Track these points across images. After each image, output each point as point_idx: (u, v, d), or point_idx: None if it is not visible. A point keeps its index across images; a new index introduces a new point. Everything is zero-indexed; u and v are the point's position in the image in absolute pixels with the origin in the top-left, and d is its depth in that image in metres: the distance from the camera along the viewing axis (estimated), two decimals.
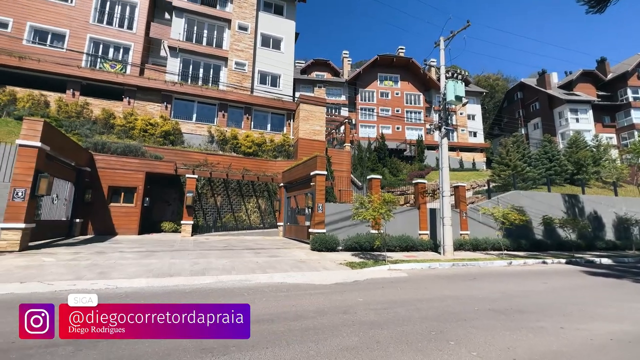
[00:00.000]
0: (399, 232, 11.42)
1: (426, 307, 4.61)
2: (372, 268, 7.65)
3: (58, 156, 9.69)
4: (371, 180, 12.34)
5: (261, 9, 22.27)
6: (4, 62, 14.94)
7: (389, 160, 27.35)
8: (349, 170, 18.83)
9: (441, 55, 11.77)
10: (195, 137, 17.18)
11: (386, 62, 37.90)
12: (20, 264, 6.22)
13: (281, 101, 19.49)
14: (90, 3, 18.39)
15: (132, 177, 13.03)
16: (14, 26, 16.73)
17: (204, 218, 14.42)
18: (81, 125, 14.57)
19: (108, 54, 18.76)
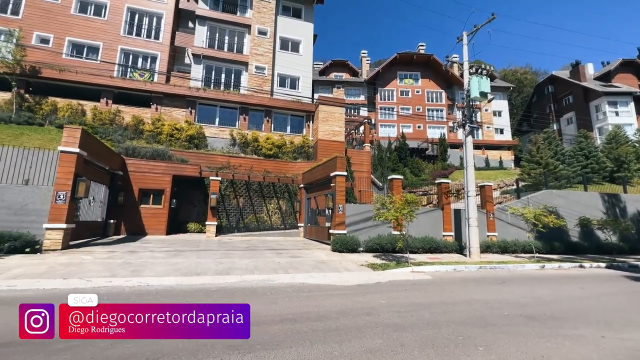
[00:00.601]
0: (422, 234, 11.14)
1: (452, 310, 4.47)
2: (395, 270, 7.52)
3: (94, 161, 10.35)
4: (392, 180, 12.15)
5: (280, 13, 22.62)
6: (47, 75, 16.20)
7: (410, 160, 26.77)
8: (369, 170, 18.64)
9: (464, 51, 11.38)
10: (218, 140, 17.72)
11: (406, 60, 37.19)
12: (62, 262, 6.70)
13: (300, 103, 19.67)
14: (121, 16, 19.53)
15: (160, 179, 13.66)
16: (55, 41, 18.10)
17: (227, 219, 14.82)
18: (114, 131, 15.48)
19: (137, 63, 19.82)
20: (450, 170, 26.45)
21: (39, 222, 8.18)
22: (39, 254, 7.50)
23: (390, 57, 37.24)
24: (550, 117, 39.19)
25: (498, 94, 38.16)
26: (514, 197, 16.01)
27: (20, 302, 4.09)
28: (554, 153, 22.70)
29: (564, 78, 38.27)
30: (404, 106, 36.89)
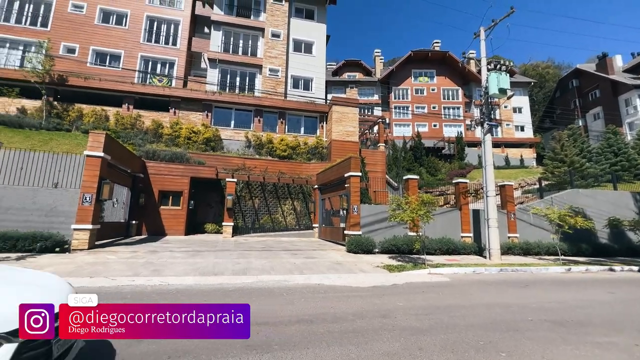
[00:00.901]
0: (439, 235, 10.91)
1: (472, 314, 4.35)
2: (411, 272, 7.40)
3: (117, 164, 10.79)
4: (407, 180, 11.97)
5: (292, 15, 22.79)
6: (73, 83, 17.04)
7: (426, 160, 26.26)
8: (384, 170, 18.44)
9: (482, 46, 11.07)
10: (234, 142, 18.05)
11: (420, 58, 36.56)
12: (89, 261, 7.02)
13: (314, 104, 19.74)
14: (140, 24, 20.27)
15: (179, 181, 14.05)
16: (80, 51, 19.02)
17: (243, 220, 15.06)
18: (135, 135, 16.07)
19: (156, 69, 20.50)
20: (468, 169, 25.77)
21: (67, 223, 8.61)
22: (68, 254, 7.89)
23: (405, 55, 36.74)
24: (575, 112, 37.42)
25: (518, 89, 36.83)
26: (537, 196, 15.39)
27: None
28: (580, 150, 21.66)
29: (590, 71, 36.45)
30: (419, 105, 36.28)
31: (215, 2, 21.47)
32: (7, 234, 7.52)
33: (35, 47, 17.50)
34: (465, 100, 36.69)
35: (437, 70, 36.94)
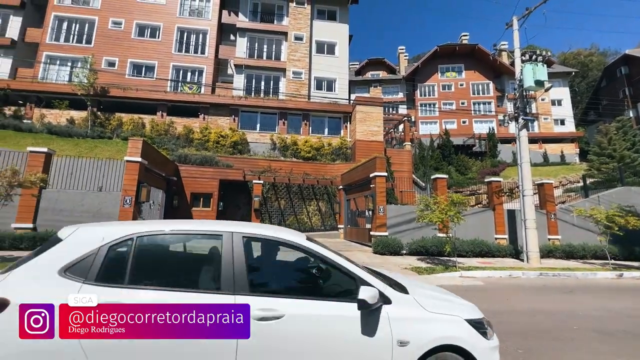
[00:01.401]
0: (471, 236, 10.43)
1: (509, 320, 4.11)
2: (442, 274, 7.14)
3: (153, 168, 11.48)
4: (436, 180, 11.57)
5: (315, 17, 22.96)
6: (113, 93, 18.40)
7: (455, 158, 25.23)
8: (410, 170, 17.99)
9: (515, 37, 10.47)
10: (260, 145, 18.51)
11: (447, 52, 35.23)
12: None
13: (337, 105, 19.73)
14: (172, 36, 21.45)
15: (209, 184, 14.67)
16: (119, 64, 20.50)
17: (269, 220, 15.38)
18: (168, 141, 17.01)
19: (186, 77, 21.58)
20: (501, 167, 24.41)
21: None
22: None
23: (430, 50, 35.59)
24: (625, 102, 34.10)
25: (557, 80, 34.29)
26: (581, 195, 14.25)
27: None
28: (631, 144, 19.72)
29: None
30: (447, 101, 34.96)
31: (240, 10, 22.19)
32: None
33: (81, 63, 19.14)
34: (497, 94, 34.80)
35: (465, 65, 35.39)
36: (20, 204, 8.76)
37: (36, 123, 16.85)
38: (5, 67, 19.60)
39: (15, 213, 8.76)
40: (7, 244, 7.85)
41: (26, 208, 8.94)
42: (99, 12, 20.98)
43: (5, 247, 7.81)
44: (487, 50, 33.43)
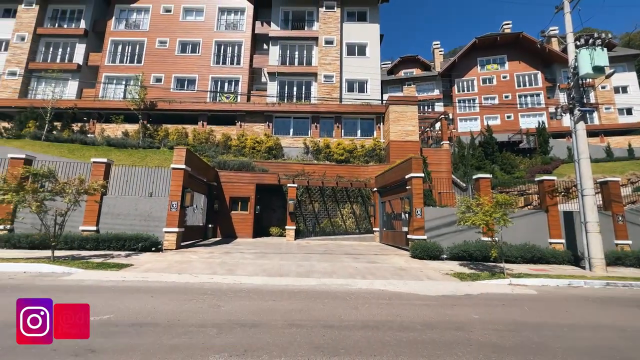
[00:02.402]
0: (520, 240, 9.60)
1: (569, 336, 3.68)
2: (487, 281, 6.64)
3: (196, 175, 12.25)
4: (478, 180, 10.85)
5: (345, 20, 22.97)
6: (160, 107, 20.04)
7: (499, 156, 23.45)
8: (449, 170, 17.09)
9: (566, 20, 9.50)
10: (293, 149, 18.88)
11: (487, 44, 33.08)
12: (176, 259, 8.08)
13: (369, 106, 19.46)
14: (210, 50, 22.83)
15: (246, 188, 15.27)
16: (165, 79, 22.29)
17: (304, 223, 15.58)
18: (208, 148, 18.06)
19: (224, 87, 22.78)
20: (554, 164, 22.18)
21: (159, 226, 10.08)
22: (161, 252, 9.21)
23: (468, 43, 33.70)
24: None
25: (620, 65, 30.49)
26: None
27: (151, 292, 5.08)
28: None
29: None
30: (488, 95, 32.78)
31: (273, 20, 22.95)
32: (119, 235, 9.17)
33: (133, 80, 21.14)
34: (547, 85, 31.83)
35: (508, 55, 32.93)
36: (86, 209, 9.86)
37: (97, 137, 18.92)
38: (73, 88, 22.31)
39: (82, 217, 9.86)
40: (76, 244, 8.86)
41: (91, 212, 10.03)
42: (147, 34, 23.05)
43: (74, 247, 8.82)
44: (533, 38, 30.77)
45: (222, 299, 4.77)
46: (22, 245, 8.69)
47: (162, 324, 3.59)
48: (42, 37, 23.31)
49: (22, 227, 9.18)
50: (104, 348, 2.89)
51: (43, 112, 18.67)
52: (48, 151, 15.92)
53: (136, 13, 23.81)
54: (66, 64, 22.52)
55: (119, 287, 5.39)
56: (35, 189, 7.23)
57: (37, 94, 21.93)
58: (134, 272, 6.43)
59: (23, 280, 5.61)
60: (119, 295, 4.82)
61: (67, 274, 6.19)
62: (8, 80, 21.95)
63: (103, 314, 3.86)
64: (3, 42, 23.19)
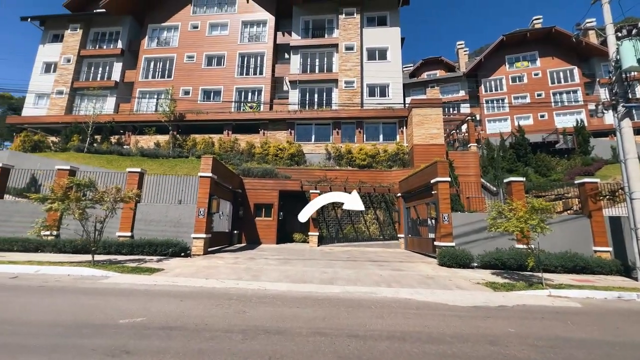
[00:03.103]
0: (560, 248, 8.92)
1: (623, 355, 3.32)
2: (524, 292, 6.21)
3: (222, 182, 12.66)
4: (510, 183, 10.27)
5: (365, 25, 22.99)
6: (189, 118, 21.05)
7: (533, 158, 22.09)
8: (478, 174, 16.35)
9: (605, 11, 8.84)
10: (315, 155, 19.00)
11: (516, 41, 31.61)
12: (204, 265, 8.34)
13: (391, 110, 19.20)
14: (234, 62, 23.72)
15: (269, 195, 15.53)
16: (192, 92, 23.42)
17: (327, 229, 15.52)
18: (233, 156, 18.64)
19: (247, 97, 23.51)
20: (597, 165, 20.53)
21: (188, 232, 10.49)
22: (189, 258, 9.55)
23: (495, 41, 32.40)
24: None
25: None
26: None
27: (180, 296, 5.26)
28: None
29: None
30: (518, 94, 31.18)
31: (293, 29, 23.47)
32: (151, 241, 9.64)
33: (163, 94, 22.43)
34: (585, 80, 29.73)
35: (540, 51, 31.22)
36: (121, 216, 10.48)
37: (132, 148, 20.19)
38: (111, 104, 24.06)
39: (118, 223, 10.50)
40: (113, 249, 9.42)
41: (126, 219, 10.65)
42: (176, 50, 24.44)
43: (111, 252, 9.39)
44: (567, 32, 29.02)
45: (247, 305, 4.83)
46: (67, 250, 9.38)
47: (191, 328, 3.69)
48: (85, 58, 25.45)
49: (66, 232, 9.93)
50: (138, 350, 3.01)
51: (85, 126, 20.28)
52: (89, 162, 17.21)
53: (166, 31, 25.35)
54: (105, 82, 24.38)
55: (151, 290, 5.64)
56: (78, 197, 7.81)
57: (80, 110, 23.88)
58: (165, 276, 6.70)
59: (67, 283, 6.03)
60: (150, 299, 5.04)
61: (105, 277, 6.58)
62: (56, 98, 24.12)
63: (137, 317, 4.04)
64: (52, 64, 25.58)
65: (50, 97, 24.34)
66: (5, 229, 10.29)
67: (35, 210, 9.96)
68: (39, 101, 24.91)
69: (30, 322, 3.80)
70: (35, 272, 6.82)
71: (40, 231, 7.78)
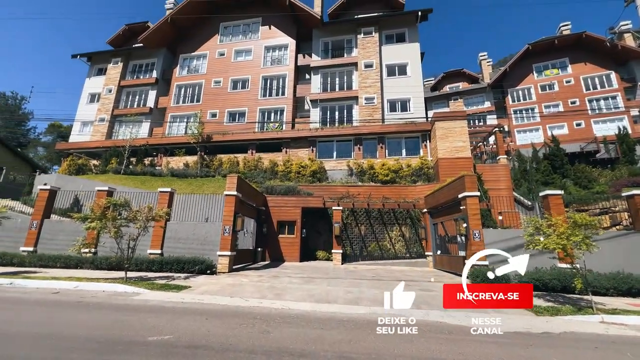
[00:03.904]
0: (610, 267, 8.06)
1: None
2: (571, 317, 5.62)
3: (246, 200, 12.94)
4: (547, 197, 9.59)
5: (383, 43, 23.35)
6: (215, 139, 22.05)
7: (571, 169, 20.64)
8: (509, 187, 15.48)
9: None
10: (337, 172, 19.01)
11: (543, 49, 30.57)
12: (229, 282, 8.40)
13: (414, 124, 18.97)
14: (258, 84, 24.81)
15: (292, 212, 15.60)
16: (219, 114, 24.63)
17: (350, 247, 15.20)
18: (257, 174, 19.10)
19: (270, 117, 24.31)
20: None
21: (214, 250, 10.71)
22: (215, 275, 9.69)
23: (520, 51, 31.51)
24: None
25: None
26: None
27: (205, 314, 5.30)
28: None
29: None
30: (549, 103, 29.74)
31: (313, 51, 24.32)
32: (179, 258, 9.94)
33: (192, 118, 23.79)
34: (624, 85, 27.84)
35: (570, 58, 29.87)
36: (153, 234, 10.95)
37: (164, 169, 21.34)
38: (145, 128, 25.85)
39: (149, 241, 10.96)
40: (144, 266, 9.80)
41: (157, 237, 11.11)
42: (205, 76, 26.06)
43: (142, 269, 9.75)
44: (599, 36, 27.68)
45: (271, 325, 4.75)
46: (103, 267, 9.89)
47: (216, 348, 3.67)
48: (124, 88, 27.82)
49: (102, 250, 10.51)
50: None
51: (122, 150, 21.85)
52: (125, 183, 18.37)
53: (196, 60, 27.23)
54: (141, 108, 26.36)
55: (178, 308, 5.74)
56: (114, 216, 8.29)
57: (119, 135, 25.86)
58: (192, 294, 6.81)
59: (102, 299, 6.30)
60: (178, 316, 5.12)
61: (136, 294, 6.80)
62: (98, 125, 26.36)
63: (165, 334, 4.10)
64: (96, 94, 28.18)
65: (93, 125, 26.65)
66: (50, 247, 11.09)
67: (76, 229, 10.69)
68: (84, 128, 27.34)
69: (68, 336, 3.98)
70: (74, 287, 7.21)
71: (81, 249, 8.29)
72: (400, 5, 24.83)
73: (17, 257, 10.22)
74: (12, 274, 8.41)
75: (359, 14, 25.15)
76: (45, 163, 42.77)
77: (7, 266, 9.97)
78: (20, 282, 7.58)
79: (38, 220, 11.80)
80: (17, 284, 7.50)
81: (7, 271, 8.95)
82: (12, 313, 5.22)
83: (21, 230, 11.80)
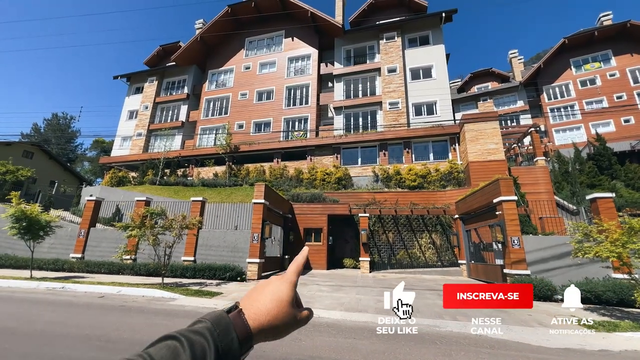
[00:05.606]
0: None
1: None
2: (632, 334, 5.05)
3: (273, 208, 13.16)
4: (595, 200, 8.80)
5: (406, 47, 23.07)
6: (243, 149, 22.79)
7: (621, 169, 18.87)
8: (550, 190, 14.44)
9: None
10: (362, 178, 18.81)
11: (580, 42, 28.59)
12: None
13: (441, 127, 18.39)
14: (282, 95, 25.44)
15: (318, 219, 15.61)
16: (245, 125, 25.50)
17: (378, 254, 14.87)
18: (283, 182, 19.40)
19: (295, 126, 24.74)
20: None
21: (243, 257, 10.95)
22: (245, 282, 9.88)
23: (555, 45, 29.72)
24: None
25: None
26: None
27: None
28: None
29: None
30: (591, 99, 27.59)
31: (336, 59, 24.57)
32: (211, 265, 10.27)
33: (221, 129, 24.81)
34: None
35: (613, 50, 27.64)
36: (186, 242, 11.44)
37: (195, 179, 22.35)
38: (178, 141, 27.34)
39: (183, 248, 11.45)
40: (179, 272, 10.23)
41: (190, 245, 11.58)
42: (232, 90, 27.20)
43: (177, 275, 10.19)
44: None
45: (302, 333, 4.73)
46: (141, 272, 10.46)
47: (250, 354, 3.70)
48: (158, 104, 29.75)
49: (141, 257, 11.12)
50: None
51: (157, 162, 23.22)
52: (160, 193, 19.44)
53: (223, 74, 28.54)
54: (174, 122, 27.98)
55: None
56: (152, 225, 8.78)
57: (154, 148, 27.58)
58: (224, 300, 6.98)
59: (142, 304, 6.64)
60: None
61: (173, 299, 7.09)
62: (136, 140, 28.30)
63: None
64: (134, 112, 30.38)
65: (132, 139, 28.67)
66: (96, 253, 11.94)
67: (118, 237, 11.43)
68: (124, 143, 29.49)
69: (114, 339, 4.22)
70: (117, 292, 7.67)
71: (122, 255, 8.84)
72: (422, 7, 24.51)
73: (67, 263, 11.12)
74: (63, 279, 9.14)
75: (380, 19, 25.16)
76: (90, 176, 46.57)
77: (59, 271, 10.87)
78: (71, 286, 8.21)
79: (85, 229, 12.79)
80: (68, 288, 8.12)
81: (60, 276, 9.74)
82: (65, 315, 5.65)
83: (71, 237, 12.85)
